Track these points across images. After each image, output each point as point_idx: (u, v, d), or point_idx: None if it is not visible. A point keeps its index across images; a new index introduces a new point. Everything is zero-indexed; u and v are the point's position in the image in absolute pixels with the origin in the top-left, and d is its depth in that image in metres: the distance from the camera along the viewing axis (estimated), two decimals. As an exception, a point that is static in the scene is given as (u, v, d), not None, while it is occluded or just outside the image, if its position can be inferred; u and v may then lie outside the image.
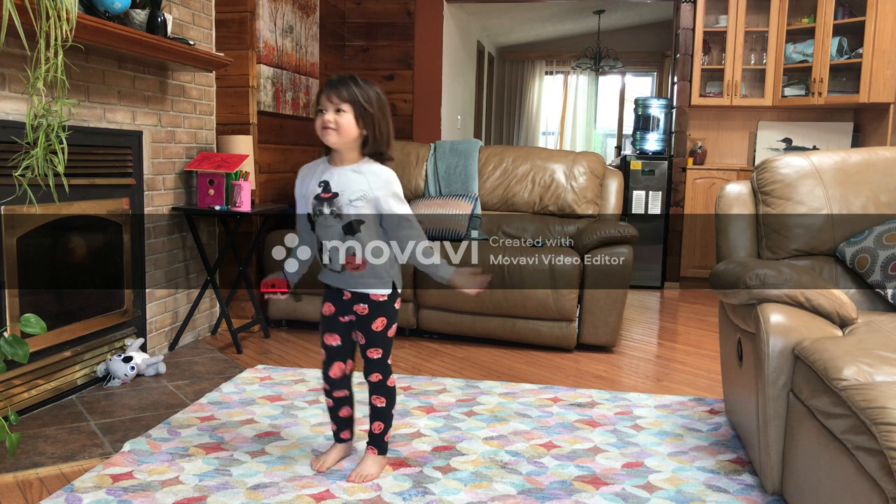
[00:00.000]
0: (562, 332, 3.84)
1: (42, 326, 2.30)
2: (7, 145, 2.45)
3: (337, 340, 2.27)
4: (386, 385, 2.24)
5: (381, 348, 2.22)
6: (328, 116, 2.08)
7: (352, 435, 2.42)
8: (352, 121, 2.09)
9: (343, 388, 2.32)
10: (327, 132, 2.09)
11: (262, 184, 4.51)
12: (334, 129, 2.08)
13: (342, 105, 2.08)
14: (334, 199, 2.12)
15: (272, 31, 4.52)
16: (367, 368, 2.23)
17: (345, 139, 2.10)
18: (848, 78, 5.35)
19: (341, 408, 2.35)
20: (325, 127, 2.09)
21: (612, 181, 4.53)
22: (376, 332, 2.21)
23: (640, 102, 6.16)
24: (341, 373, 2.29)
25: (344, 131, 2.09)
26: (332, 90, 2.09)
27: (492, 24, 8.44)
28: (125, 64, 3.19)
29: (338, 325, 2.27)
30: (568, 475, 2.32)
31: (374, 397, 2.26)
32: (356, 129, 2.10)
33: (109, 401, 2.94)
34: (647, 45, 9.58)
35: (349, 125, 2.09)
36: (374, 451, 2.30)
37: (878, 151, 2.69)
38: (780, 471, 2.10)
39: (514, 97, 10.37)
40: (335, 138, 2.10)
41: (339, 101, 2.08)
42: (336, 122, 2.08)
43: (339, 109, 2.08)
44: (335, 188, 2.13)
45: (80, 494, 2.12)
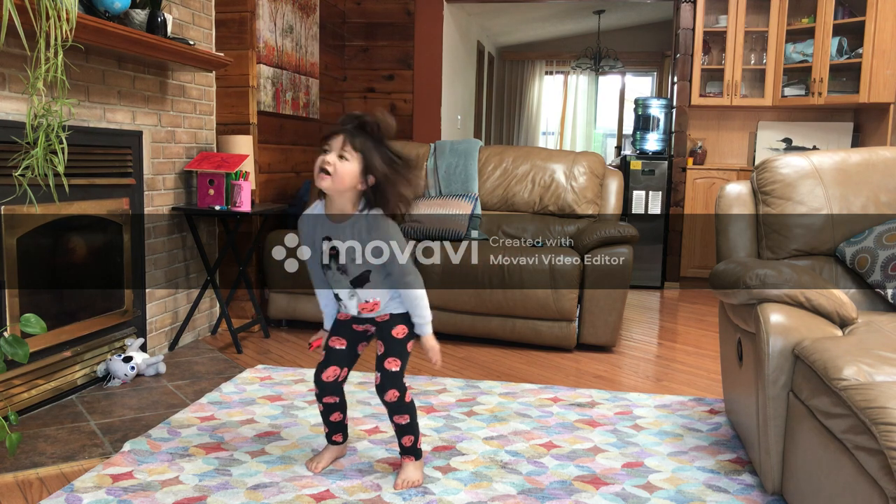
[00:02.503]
0: (562, 332, 3.84)
1: (42, 326, 2.30)
2: (7, 145, 2.45)
3: (342, 345, 2.25)
4: (405, 402, 2.17)
5: (399, 359, 2.16)
6: (328, 158, 1.98)
7: (344, 438, 2.39)
8: (352, 171, 1.99)
9: (333, 393, 2.27)
10: (321, 176, 1.99)
11: (262, 184, 4.51)
12: (329, 175, 1.98)
13: (349, 153, 1.99)
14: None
15: (272, 31, 4.52)
16: (383, 383, 2.15)
17: (338, 187, 2.00)
18: (848, 78, 5.35)
19: (332, 412, 2.31)
20: (322, 170, 1.99)
21: (612, 181, 4.53)
22: (396, 340, 2.16)
23: (640, 102, 6.16)
24: (334, 377, 2.25)
25: (339, 179, 1.99)
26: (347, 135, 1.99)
27: (492, 24, 8.44)
28: (125, 64, 3.19)
29: (348, 331, 2.25)
30: (568, 475, 2.32)
31: (397, 416, 2.20)
32: (356, 181, 2.01)
33: (109, 401, 2.94)
34: (647, 45, 9.58)
35: (347, 174, 1.99)
36: (411, 459, 2.26)
37: (878, 151, 2.69)
38: (780, 471, 2.10)
39: (514, 97, 10.37)
40: (328, 184, 2.00)
41: (349, 149, 1.98)
42: (334, 167, 1.98)
43: (343, 156, 1.98)
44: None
45: (80, 494, 2.12)
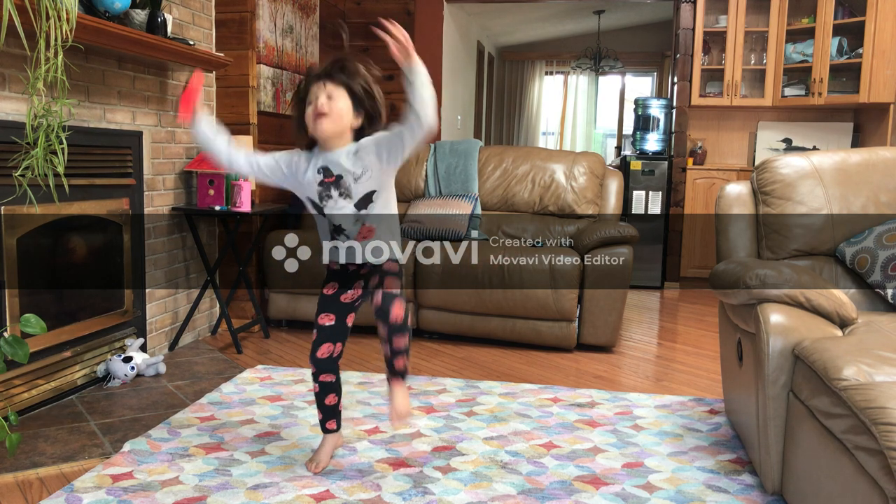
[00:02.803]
0: (562, 332, 3.84)
1: (42, 326, 2.30)
2: (7, 145, 2.45)
3: (331, 320, 2.24)
4: (406, 321, 2.12)
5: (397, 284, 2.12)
6: (321, 101, 2.00)
7: (338, 425, 2.37)
8: (347, 105, 2.02)
9: (329, 371, 2.26)
10: (321, 119, 2.00)
11: (262, 184, 4.52)
12: (327, 115, 2.00)
13: (334, 91, 2.01)
14: (340, 181, 2.08)
15: (272, 32, 4.52)
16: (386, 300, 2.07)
17: (339, 127, 2.03)
18: (848, 78, 5.35)
19: (327, 394, 2.30)
20: (319, 113, 2.00)
21: (612, 181, 4.53)
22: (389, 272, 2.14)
23: (640, 102, 6.16)
24: (328, 353, 2.24)
25: (338, 117, 2.01)
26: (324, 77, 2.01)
27: (492, 24, 8.44)
28: (125, 64, 3.19)
29: (336, 304, 2.24)
30: (568, 475, 2.32)
31: (397, 336, 2.12)
32: (351, 114, 2.04)
33: (109, 401, 2.94)
34: (647, 45, 9.58)
35: (343, 110, 2.02)
36: (400, 381, 2.19)
37: (878, 151, 2.69)
38: (780, 471, 2.10)
39: (514, 97, 10.37)
40: (328, 124, 2.01)
41: (331, 87, 2.01)
42: (330, 108, 2.00)
43: (331, 96, 2.01)
44: (336, 172, 2.08)
45: (80, 494, 2.12)
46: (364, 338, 3.96)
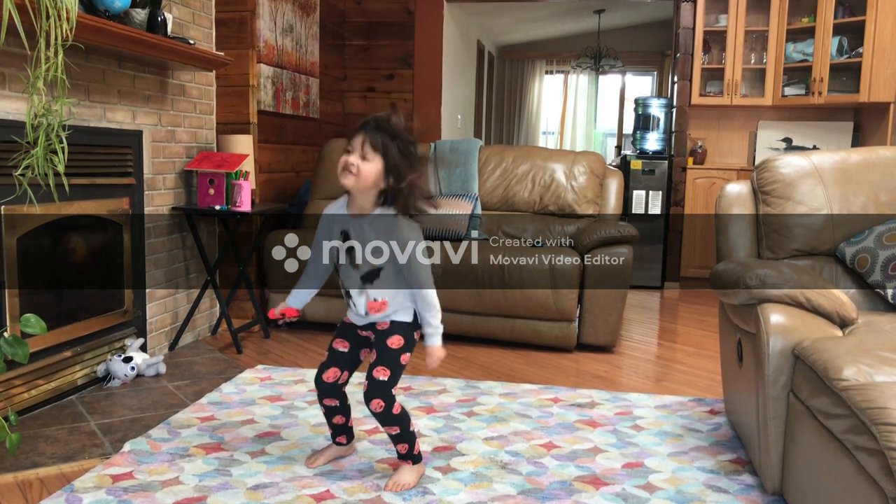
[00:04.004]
0: (562, 333, 3.84)
1: (42, 326, 2.30)
2: (7, 145, 2.45)
3: (345, 347, 2.25)
4: (392, 414, 2.14)
5: (389, 369, 2.13)
6: (352, 159, 2.04)
7: (348, 440, 2.39)
8: (374, 171, 2.03)
9: (333, 396, 2.27)
10: (346, 174, 2.05)
11: (263, 183, 4.52)
12: (353, 174, 2.04)
13: (370, 154, 2.03)
14: (352, 251, 2.12)
15: (272, 31, 4.52)
16: (368, 392, 2.12)
17: (361, 186, 2.06)
18: (848, 77, 5.35)
19: (333, 415, 2.32)
20: (346, 169, 2.04)
21: (612, 181, 4.53)
22: (389, 349, 2.15)
23: (640, 102, 6.16)
24: (334, 379, 2.25)
25: (363, 178, 2.04)
26: (367, 135, 2.04)
27: (492, 24, 8.44)
28: (125, 63, 3.18)
29: (352, 335, 2.25)
30: (568, 475, 2.32)
31: (386, 427, 2.19)
32: (378, 179, 2.05)
33: (109, 401, 2.94)
34: (647, 45, 9.58)
35: (370, 174, 2.03)
36: (409, 463, 2.25)
37: (878, 151, 2.69)
38: (780, 471, 2.10)
39: (514, 97, 10.37)
40: (352, 182, 2.05)
41: (369, 149, 2.03)
42: (357, 168, 2.03)
43: (365, 157, 2.03)
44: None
45: (80, 494, 2.12)
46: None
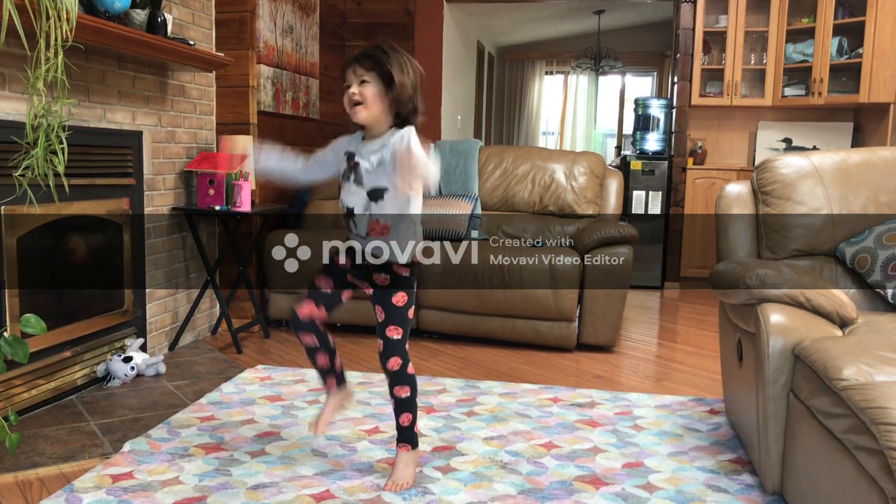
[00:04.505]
0: (562, 333, 3.84)
1: (42, 327, 2.30)
2: (7, 145, 2.45)
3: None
4: (407, 373, 2.15)
5: (401, 327, 2.13)
6: (353, 88, 2.03)
7: (339, 382, 2.29)
8: (378, 91, 2.02)
9: (310, 331, 2.19)
10: (356, 109, 2.03)
11: (262, 184, 4.51)
12: (360, 104, 2.02)
13: (366, 75, 2.02)
14: (357, 168, 2.10)
15: (272, 31, 4.52)
16: (386, 352, 2.13)
17: (374, 112, 2.04)
18: (848, 78, 5.34)
19: (314, 354, 2.23)
20: (353, 101, 2.03)
21: (612, 181, 4.53)
22: (397, 307, 2.13)
23: (640, 102, 6.16)
24: (309, 315, 2.17)
25: (371, 103, 2.02)
26: (356, 61, 2.03)
27: (492, 24, 8.44)
28: (125, 64, 3.19)
29: (338, 276, 2.21)
30: (568, 475, 2.32)
31: (397, 388, 2.16)
32: (384, 100, 2.03)
33: (109, 401, 2.94)
34: (647, 45, 9.58)
35: (375, 96, 2.02)
36: (407, 448, 2.22)
37: (878, 151, 2.69)
38: (780, 471, 2.10)
39: (514, 97, 10.37)
40: (364, 113, 2.04)
41: (362, 72, 2.02)
42: (362, 94, 2.02)
43: (364, 80, 2.02)
44: (358, 158, 2.10)
45: (80, 494, 2.12)
46: (364, 338, 3.96)
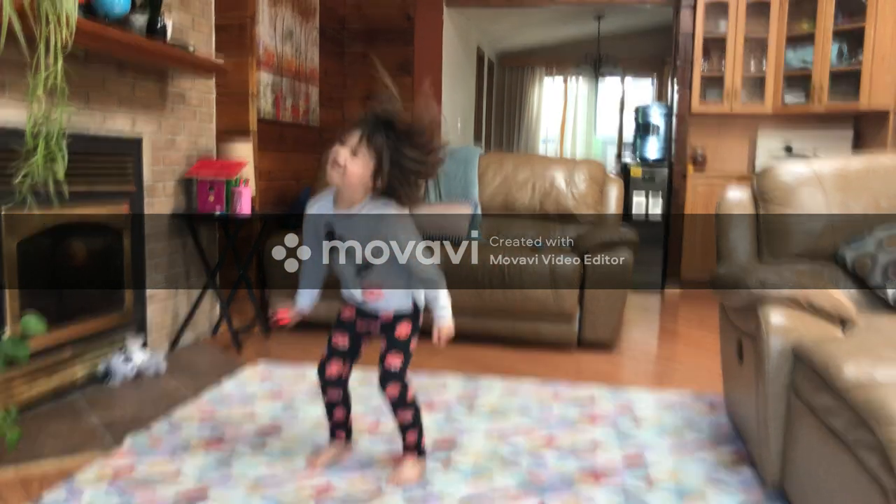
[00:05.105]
0: (562, 333, 3.84)
1: (42, 327, 2.31)
2: (7, 153, 2.43)
3: (345, 342, 2.24)
4: (406, 401, 2.15)
5: (402, 354, 2.12)
6: (341, 153, 1.96)
7: (347, 437, 2.39)
8: (363, 170, 1.96)
9: (336, 387, 2.26)
10: (334, 168, 1.97)
11: (263, 191, 4.52)
12: (340, 171, 1.97)
13: (362, 150, 1.95)
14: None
15: (272, 37, 4.53)
16: (384, 378, 2.12)
17: (347, 183, 1.98)
18: (848, 84, 5.33)
19: (335, 408, 2.31)
20: (335, 163, 1.97)
21: (613, 188, 4.53)
22: (399, 340, 2.14)
23: (640, 110, 6.18)
24: (338, 374, 2.24)
25: (349, 177, 1.96)
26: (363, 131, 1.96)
27: (491, 30, 8.47)
28: (125, 70, 3.19)
29: (352, 329, 2.24)
30: (568, 469, 2.32)
31: (399, 412, 2.18)
32: (366, 180, 1.97)
33: (110, 398, 2.93)
34: (647, 51, 9.60)
35: (356, 173, 1.96)
36: (413, 457, 2.24)
37: (879, 158, 2.71)
38: (780, 465, 2.09)
39: (514, 103, 10.38)
40: (338, 179, 1.98)
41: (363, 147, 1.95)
42: (345, 166, 1.95)
43: (356, 153, 1.95)
44: (339, 232, 2.07)
45: (82, 488, 2.12)
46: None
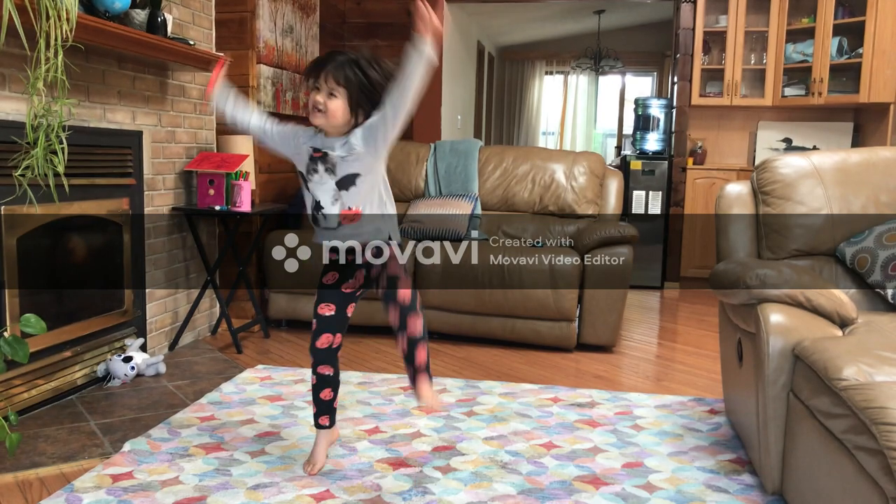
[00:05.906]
0: (562, 333, 3.84)
1: (42, 327, 2.30)
2: (7, 145, 2.45)
3: (331, 310, 2.23)
4: (416, 307, 2.16)
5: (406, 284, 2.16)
6: (319, 98, 2.04)
7: (331, 422, 2.34)
8: (343, 106, 2.04)
9: (328, 363, 2.25)
10: (316, 114, 2.05)
11: (263, 184, 4.51)
12: (322, 112, 2.04)
13: (337, 89, 2.03)
14: (326, 157, 2.10)
15: (272, 31, 4.52)
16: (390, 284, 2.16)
17: (332, 123, 2.06)
18: (848, 78, 5.34)
19: (323, 387, 2.28)
20: (315, 108, 2.05)
21: (612, 181, 4.53)
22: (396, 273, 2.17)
23: (641, 102, 6.16)
24: (328, 343, 2.23)
25: (332, 116, 2.05)
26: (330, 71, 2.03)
27: (492, 24, 8.44)
28: (125, 64, 3.18)
29: (336, 295, 2.23)
30: (568, 475, 2.32)
31: (412, 317, 2.15)
32: (347, 115, 2.06)
33: (109, 401, 2.94)
34: (647, 45, 9.57)
35: (339, 111, 2.04)
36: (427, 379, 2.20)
37: (879, 151, 2.69)
38: (780, 471, 2.09)
39: (515, 97, 10.37)
40: (321, 121, 2.06)
41: (334, 85, 2.03)
42: (326, 105, 2.04)
43: (332, 94, 2.03)
44: (325, 149, 2.10)
45: (80, 494, 2.12)
46: (364, 337, 3.96)
